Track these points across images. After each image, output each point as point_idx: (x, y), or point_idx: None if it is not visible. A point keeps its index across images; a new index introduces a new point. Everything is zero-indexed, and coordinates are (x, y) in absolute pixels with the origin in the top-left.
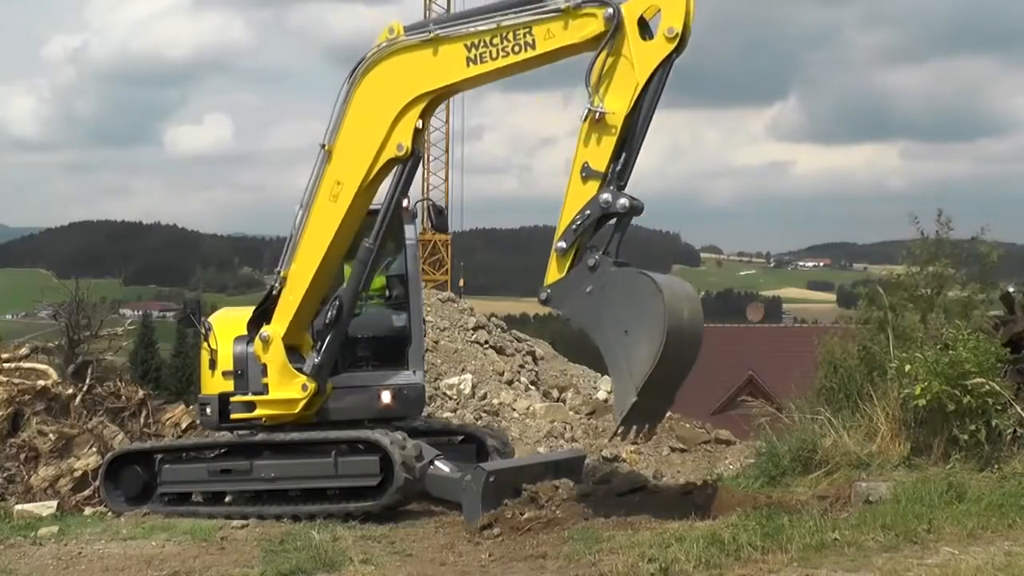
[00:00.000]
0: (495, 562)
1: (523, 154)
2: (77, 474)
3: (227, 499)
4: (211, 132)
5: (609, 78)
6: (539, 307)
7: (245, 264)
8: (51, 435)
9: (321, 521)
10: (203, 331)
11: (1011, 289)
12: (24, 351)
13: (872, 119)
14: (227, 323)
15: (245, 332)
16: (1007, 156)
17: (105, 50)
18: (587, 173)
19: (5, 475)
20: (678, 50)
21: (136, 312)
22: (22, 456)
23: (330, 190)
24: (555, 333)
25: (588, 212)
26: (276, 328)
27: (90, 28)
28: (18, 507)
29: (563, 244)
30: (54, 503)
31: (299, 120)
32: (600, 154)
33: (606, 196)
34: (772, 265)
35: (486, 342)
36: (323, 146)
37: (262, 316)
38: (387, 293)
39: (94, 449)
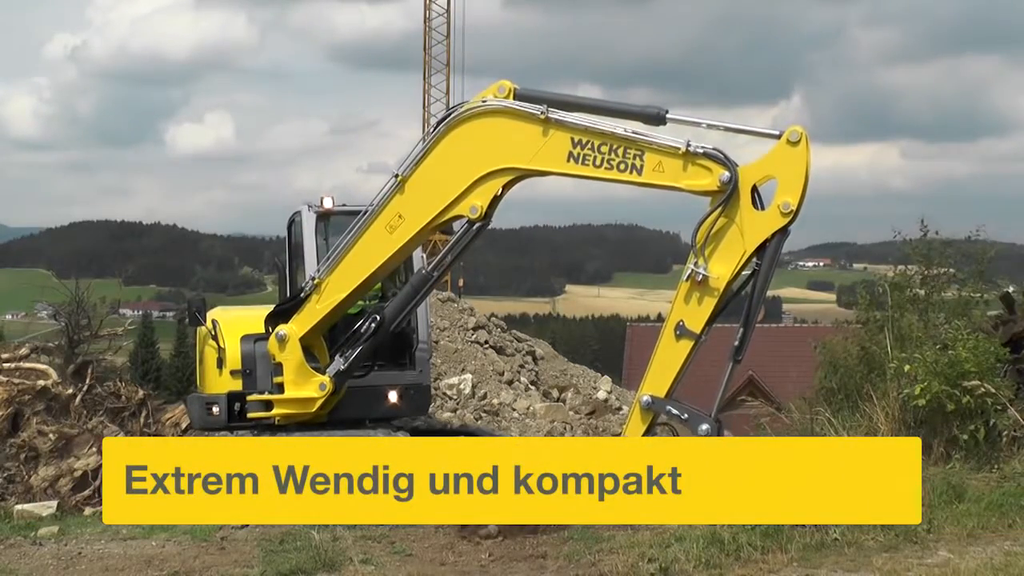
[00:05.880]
0: (495, 562)
1: None
2: (77, 474)
3: None
4: (212, 131)
5: (717, 241)
6: (539, 307)
7: (245, 264)
8: (51, 435)
9: None
10: (212, 329)
11: (1011, 289)
12: (24, 351)
13: (874, 118)
14: (232, 321)
15: (250, 331)
16: (1009, 156)
17: (106, 49)
18: (681, 332)
19: (5, 475)
20: (791, 223)
21: (136, 312)
22: (22, 456)
23: (389, 220)
24: (555, 333)
25: (685, 416)
26: (294, 328)
27: (91, 27)
28: (18, 507)
29: (649, 399)
30: (54, 503)
31: (301, 120)
32: (698, 316)
33: (705, 427)
34: None
35: (486, 342)
36: (396, 175)
37: (280, 315)
38: (382, 294)
39: (94, 449)
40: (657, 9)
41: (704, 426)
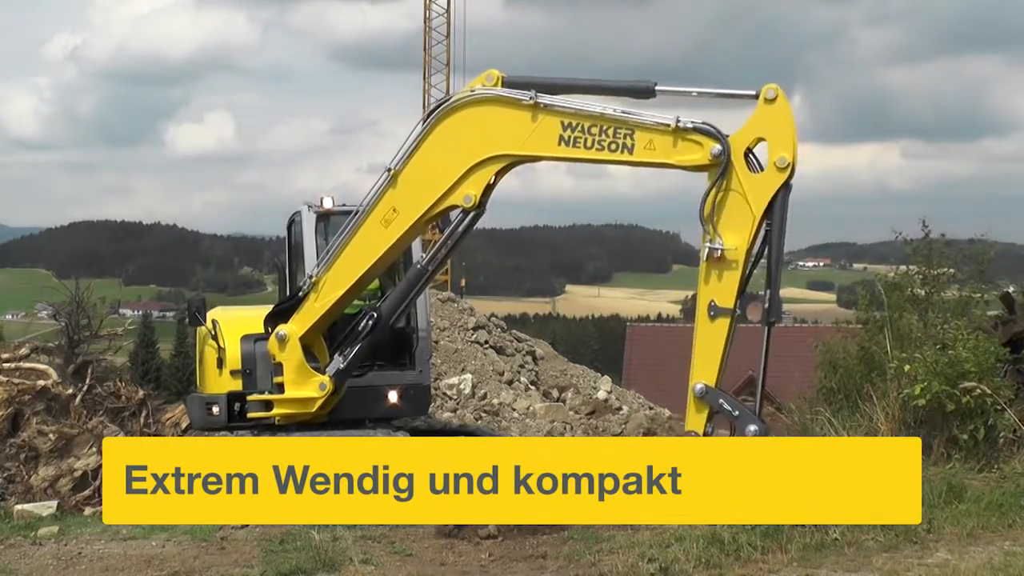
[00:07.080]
0: (495, 562)
1: None
2: (77, 474)
3: None
4: (212, 131)
5: (723, 213)
6: (539, 307)
7: (245, 264)
8: (51, 435)
9: None
10: (212, 329)
11: (1011, 289)
12: (24, 351)
13: (874, 118)
14: (232, 321)
15: (250, 331)
16: (1009, 156)
17: (106, 49)
18: (715, 311)
19: (5, 475)
20: (791, 177)
21: (136, 312)
22: (22, 456)
23: (384, 214)
24: (555, 333)
25: (736, 413)
26: (294, 328)
27: (91, 26)
28: (18, 507)
29: (702, 388)
30: (54, 503)
31: (301, 120)
32: (725, 291)
33: (753, 428)
34: None
35: (486, 342)
36: (389, 169)
37: (280, 315)
38: (381, 293)
39: (94, 449)
40: (658, 9)
41: (752, 427)
